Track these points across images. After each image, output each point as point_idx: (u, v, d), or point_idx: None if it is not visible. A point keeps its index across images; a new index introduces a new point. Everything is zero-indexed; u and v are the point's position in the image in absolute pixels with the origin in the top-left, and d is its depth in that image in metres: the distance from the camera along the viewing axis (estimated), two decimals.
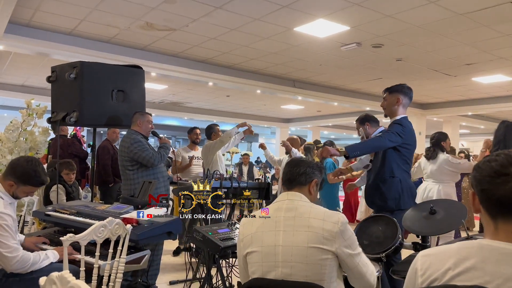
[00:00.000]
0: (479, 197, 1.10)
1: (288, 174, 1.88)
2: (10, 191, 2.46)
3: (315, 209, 1.75)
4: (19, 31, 5.95)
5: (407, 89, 3.16)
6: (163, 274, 4.41)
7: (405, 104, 3.15)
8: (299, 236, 1.67)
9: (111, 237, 2.24)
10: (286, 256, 1.66)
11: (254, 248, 1.74)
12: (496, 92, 9.85)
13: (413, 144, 3.09)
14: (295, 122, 16.74)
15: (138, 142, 3.73)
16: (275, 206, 1.82)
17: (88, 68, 3.77)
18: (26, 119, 4.45)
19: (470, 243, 1.09)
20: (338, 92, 10.15)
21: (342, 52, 6.75)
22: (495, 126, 4.01)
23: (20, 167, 2.45)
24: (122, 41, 6.62)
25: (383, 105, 3.20)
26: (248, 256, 1.77)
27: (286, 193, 1.84)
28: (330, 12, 5.10)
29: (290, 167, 1.90)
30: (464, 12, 4.93)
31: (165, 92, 11.10)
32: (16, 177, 2.45)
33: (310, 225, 1.68)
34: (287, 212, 1.75)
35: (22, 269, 2.28)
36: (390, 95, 3.14)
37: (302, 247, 1.65)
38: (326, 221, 1.68)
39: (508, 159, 1.06)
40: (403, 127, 3.02)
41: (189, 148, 5.68)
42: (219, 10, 5.12)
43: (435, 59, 7.07)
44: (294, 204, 1.77)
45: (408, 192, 3.01)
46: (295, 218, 1.72)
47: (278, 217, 1.75)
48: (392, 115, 3.14)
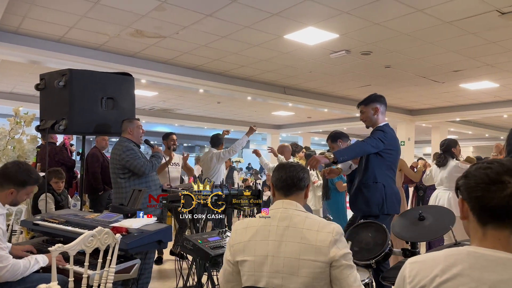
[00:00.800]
0: (470, 204, 1.10)
1: (287, 180, 1.80)
2: (9, 199, 2.45)
3: (310, 219, 1.71)
4: (7, 38, 5.89)
5: (380, 97, 3.25)
6: (153, 282, 4.37)
7: (383, 111, 3.22)
8: (292, 247, 1.64)
9: (100, 247, 2.22)
10: (278, 267, 1.64)
11: (246, 257, 1.71)
12: (483, 98, 10.00)
13: (395, 149, 3.15)
14: (286, 128, 16.79)
15: (130, 150, 3.71)
16: (270, 213, 1.78)
17: (77, 75, 3.75)
18: (14, 127, 4.40)
19: (457, 250, 1.10)
20: (328, 98, 10.22)
21: (331, 59, 6.81)
22: (483, 131, 4.08)
23: (14, 172, 2.44)
24: (111, 48, 6.60)
25: (362, 118, 3.27)
26: (240, 265, 1.75)
27: (282, 201, 1.80)
28: (319, 20, 5.15)
29: (287, 172, 1.82)
30: (451, 20, 5.02)
31: (156, 99, 11.07)
32: (14, 184, 2.44)
33: (304, 237, 1.65)
34: (280, 221, 1.72)
35: (12, 278, 2.25)
36: (367, 107, 3.22)
37: (294, 258, 1.62)
38: (320, 231, 1.65)
39: (503, 167, 1.07)
40: (385, 132, 3.08)
41: (166, 154, 5.29)
42: (209, 17, 5.14)
43: (423, 66, 7.16)
44: (288, 213, 1.74)
45: (392, 197, 3.05)
46: (289, 228, 1.69)
47: (272, 226, 1.72)
48: (374, 125, 3.23)
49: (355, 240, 2.55)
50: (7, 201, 2.46)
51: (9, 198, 2.45)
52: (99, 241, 2.20)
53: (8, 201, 2.46)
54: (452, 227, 2.32)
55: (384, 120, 3.21)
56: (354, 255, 2.45)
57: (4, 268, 2.20)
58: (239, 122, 15.31)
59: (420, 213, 2.48)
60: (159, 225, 2.78)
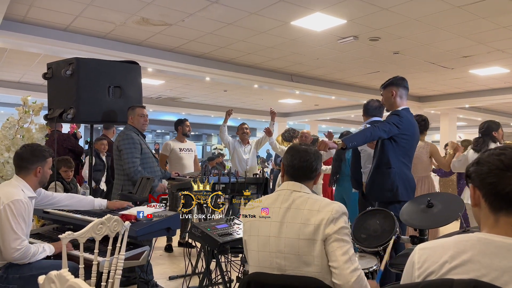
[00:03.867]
0: (483, 191, 1.09)
1: (300, 170, 1.79)
2: (38, 178, 2.57)
3: (311, 199, 1.72)
4: (14, 27, 5.90)
5: (399, 80, 3.16)
6: (162, 269, 4.43)
7: (402, 95, 3.14)
8: (292, 227, 1.68)
9: (109, 234, 2.24)
10: (279, 247, 1.68)
11: (252, 235, 1.78)
12: (493, 84, 9.86)
13: (411, 134, 3.08)
14: (293, 116, 16.73)
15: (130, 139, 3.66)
16: (275, 195, 1.83)
17: (84, 64, 3.75)
18: (23, 117, 4.41)
19: (467, 236, 1.09)
20: (335, 86, 10.14)
21: (339, 45, 6.73)
22: (493, 118, 4.02)
23: (30, 152, 2.57)
24: (118, 36, 6.59)
25: (382, 101, 3.28)
26: (247, 242, 1.81)
27: (287, 183, 1.82)
28: (327, 6, 5.08)
29: (301, 160, 1.79)
30: (461, 4, 4.92)
31: (162, 87, 11.07)
32: (37, 161, 2.56)
33: (304, 217, 1.67)
34: (283, 203, 1.75)
35: (22, 261, 2.35)
36: (385, 90, 3.19)
37: (294, 239, 1.66)
38: (320, 211, 1.67)
39: None
40: (401, 117, 3.01)
41: (178, 140, 5.52)
42: (215, 4, 5.09)
43: (432, 51, 7.06)
44: (291, 195, 1.77)
45: (405, 184, 3.02)
46: (290, 209, 1.72)
47: (275, 208, 1.76)
48: (392, 108, 3.17)
49: (363, 227, 2.54)
50: (37, 181, 2.57)
51: (38, 177, 2.57)
52: (108, 228, 2.23)
53: (38, 181, 2.58)
54: (461, 214, 2.31)
55: (403, 104, 3.13)
56: (362, 242, 2.46)
57: (18, 251, 2.30)
58: (246, 110, 15.27)
59: (428, 200, 2.46)
60: (168, 213, 2.80)
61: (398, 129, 2.96)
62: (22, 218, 2.33)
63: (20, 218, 2.31)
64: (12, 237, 2.27)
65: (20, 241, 2.29)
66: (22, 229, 2.32)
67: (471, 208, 1.16)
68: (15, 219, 2.29)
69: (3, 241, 2.28)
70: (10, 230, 2.27)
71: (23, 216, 2.33)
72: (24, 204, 2.35)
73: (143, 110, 3.90)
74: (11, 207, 2.29)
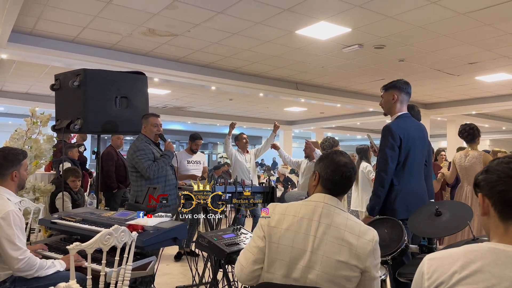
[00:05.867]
0: (492, 199, 1.08)
1: (339, 186, 1.74)
2: (16, 182, 2.53)
3: (351, 221, 1.68)
4: (23, 39, 5.99)
5: (402, 84, 3.01)
6: (169, 278, 4.42)
7: (403, 100, 3.01)
8: (331, 247, 1.62)
9: (117, 245, 2.24)
10: (314, 264, 1.62)
11: (282, 243, 1.66)
12: (499, 90, 9.81)
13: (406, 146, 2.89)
14: (299, 124, 16.73)
15: (141, 150, 3.73)
16: (311, 205, 1.71)
17: (91, 75, 3.78)
18: (31, 127, 4.46)
19: (476, 246, 1.08)
20: (340, 93, 10.14)
21: (344, 53, 6.75)
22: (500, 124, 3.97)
23: (3, 156, 2.50)
24: (124, 47, 6.65)
25: (380, 103, 3.12)
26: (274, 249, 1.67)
27: (323, 196, 1.73)
28: (331, 15, 5.10)
29: (343, 177, 1.73)
30: (466, 11, 4.92)
31: (168, 97, 11.13)
32: (13, 164, 2.51)
33: (345, 239, 1.62)
34: (323, 218, 1.67)
35: (27, 272, 2.29)
36: (386, 93, 3.04)
37: (333, 259, 1.61)
38: (361, 237, 1.63)
39: None
40: (393, 134, 2.85)
41: (187, 152, 5.64)
42: (220, 14, 5.14)
43: (437, 58, 7.05)
44: (330, 210, 1.69)
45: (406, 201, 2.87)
46: (331, 227, 1.65)
47: (314, 221, 1.67)
48: (390, 112, 3.04)
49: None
50: (15, 185, 2.53)
51: (16, 182, 2.52)
52: (116, 239, 2.23)
53: (16, 185, 2.54)
54: (469, 223, 2.29)
55: (401, 110, 3.00)
56: None
57: (21, 261, 2.25)
58: (251, 118, 15.29)
59: (437, 209, 2.44)
60: (174, 223, 2.80)
61: (394, 152, 2.83)
62: (19, 228, 2.29)
63: (16, 229, 2.27)
64: (12, 249, 2.23)
65: (21, 251, 2.26)
66: (20, 239, 2.29)
67: (480, 217, 1.15)
68: (12, 230, 2.25)
69: (4, 255, 2.25)
70: (9, 243, 2.23)
71: (19, 226, 2.29)
72: (16, 214, 2.30)
73: (157, 119, 3.92)
74: (5, 219, 2.25)
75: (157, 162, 3.78)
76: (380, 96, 3.12)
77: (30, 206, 3.56)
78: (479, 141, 4.49)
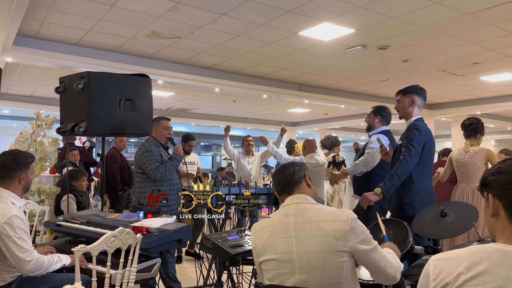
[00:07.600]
0: (504, 201, 1.07)
1: (282, 180, 1.85)
2: (22, 185, 2.53)
3: (323, 210, 1.72)
4: (27, 43, 6.03)
5: (420, 89, 3.13)
6: None
7: (420, 104, 3.12)
8: (312, 241, 1.65)
9: (121, 247, 2.25)
10: (303, 263, 1.65)
11: (268, 256, 1.72)
12: (504, 90, 9.76)
13: (430, 146, 3.02)
14: (302, 126, 16.70)
15: (149, 151, 3.75)
16: (282, 211, 1.80)
17: (96, 78, 3.79)
18: (36, 130, 4.49)
19: (483, 247, 1.08)
20: (344, 94, 10.13)
21: (347, 54, 6.74)
22: (505, 124, 3.95)
23: (13, 159, 2.50)
24: (128, 50, 6.68)
25: (398, 107, 3.18)
26: (263, 264, 1.75)
27: (291, 197, 1.81)
28: (334, 16, 5.10)
29: (279, 175, 1.87)
30: (469, 11, 4.91)
31: (172, 99, 11.15)
32: (20, 168, 2.51)
33: (321, 229, 1.66)
34: (295, 217, 1.73)
35: (37, 272, 2.31)
36: (404, 97, 3.12)
37: (317, 252, 1.63)
38: (335, 221, 1.66)
39: None
40: (420, 131, 2.95)
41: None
42: (223, 17, 5.15)
43: (441, 59, 7.02)
44: (300, 207, 1.75)
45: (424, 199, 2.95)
46: (304, 223, 1.70)
47: (288, 223, 1.72)
48: (407, 117, 3.12)
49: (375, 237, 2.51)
50: (21, 188, 2.54)
51: (23, 185, 2.53)
52: (120, 241, 2.23)
53: (22, 188, 2.54)
54: (475, 223, 2.27)
55: (418, 114, 3.11)
56: None
57: (30, 262, 2.27)
58: (255, 120, 15.30)
59: (442, 210, 2.43)
60: (179, 224, 2.80)
61: (420, 148, 2.92)
62: (23, 231, 2.31)
63: (21, 232, 2.28)
64: (20, 251, 2.25)
65: (29, 253, 2.28)
66: (26, 242, 2.30)
67: (487, 218, 1.14)
68: (17, 234, 2.26)
69: (12, 258, 2.26)
70: (16, 246, 2.24)
71: (23, 229, 2.30)
72: (20, 218, 2.32)
73: (168, 122, 3.94)
74: (10, 224, 2.26)
75: (165, 164, 3.80)
76: (396, 100, 3.17)
77: (36, 208, 3.58)
78: (481, 140, 4.41)
